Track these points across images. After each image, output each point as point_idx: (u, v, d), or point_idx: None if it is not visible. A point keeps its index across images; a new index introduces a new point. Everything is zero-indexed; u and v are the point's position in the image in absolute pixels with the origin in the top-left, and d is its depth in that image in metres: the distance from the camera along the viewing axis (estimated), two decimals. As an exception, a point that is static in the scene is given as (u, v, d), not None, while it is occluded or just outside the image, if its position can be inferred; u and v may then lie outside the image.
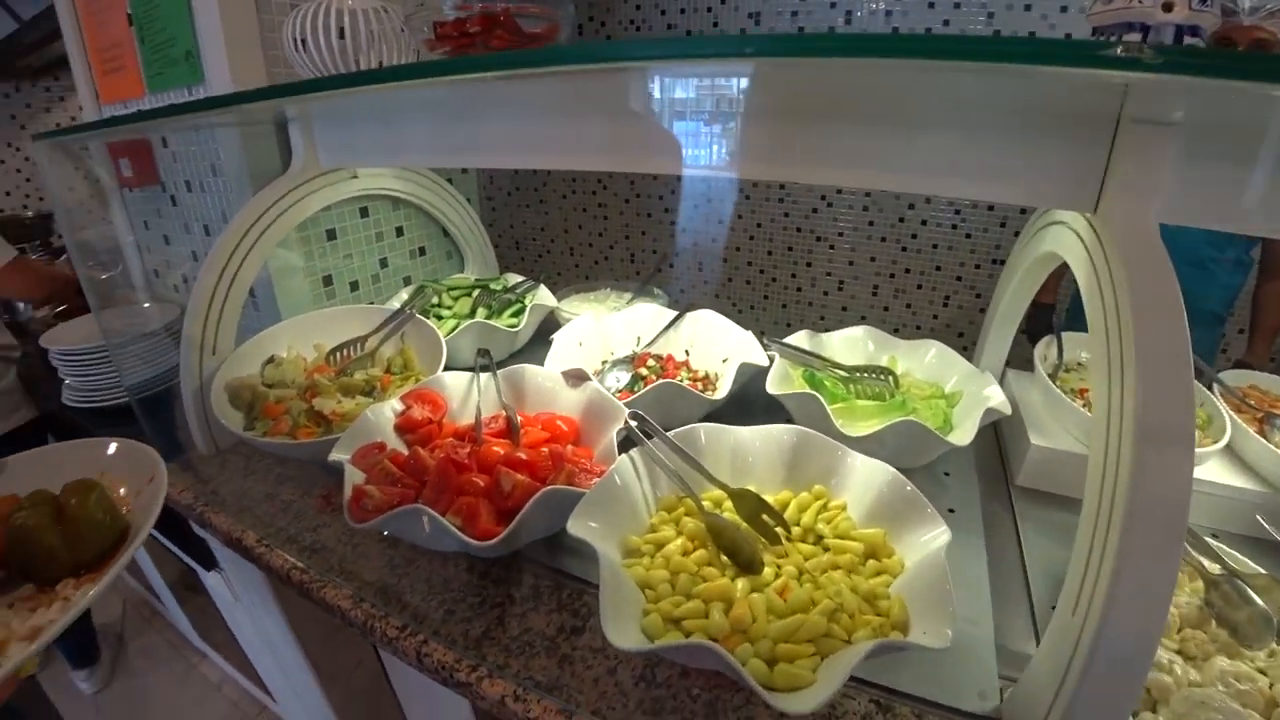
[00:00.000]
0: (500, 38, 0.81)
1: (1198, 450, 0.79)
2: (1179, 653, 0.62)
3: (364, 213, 1.24)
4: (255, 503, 0.86)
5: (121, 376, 1.21)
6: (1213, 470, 0.84)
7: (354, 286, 1.26)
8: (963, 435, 0.78)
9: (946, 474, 0.88)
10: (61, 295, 1.54)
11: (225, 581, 1.10)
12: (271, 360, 1.01)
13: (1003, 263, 1.67)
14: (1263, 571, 0.67)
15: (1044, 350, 0.98)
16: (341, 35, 0.86)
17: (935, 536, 0.61)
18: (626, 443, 0.75)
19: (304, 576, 0.73)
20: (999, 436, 0.99)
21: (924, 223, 1.93)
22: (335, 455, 0.73)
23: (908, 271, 2.02)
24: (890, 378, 0.90)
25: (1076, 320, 1.47)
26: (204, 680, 1.77)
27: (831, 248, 2.08)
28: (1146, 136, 0.54)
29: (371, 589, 0.71)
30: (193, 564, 1.14)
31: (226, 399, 0.92)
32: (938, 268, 2.01)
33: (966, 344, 1.07)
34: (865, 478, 0.69)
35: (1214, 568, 0.67)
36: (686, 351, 1.06)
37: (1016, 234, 1.85)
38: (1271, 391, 0.97)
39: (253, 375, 0.98)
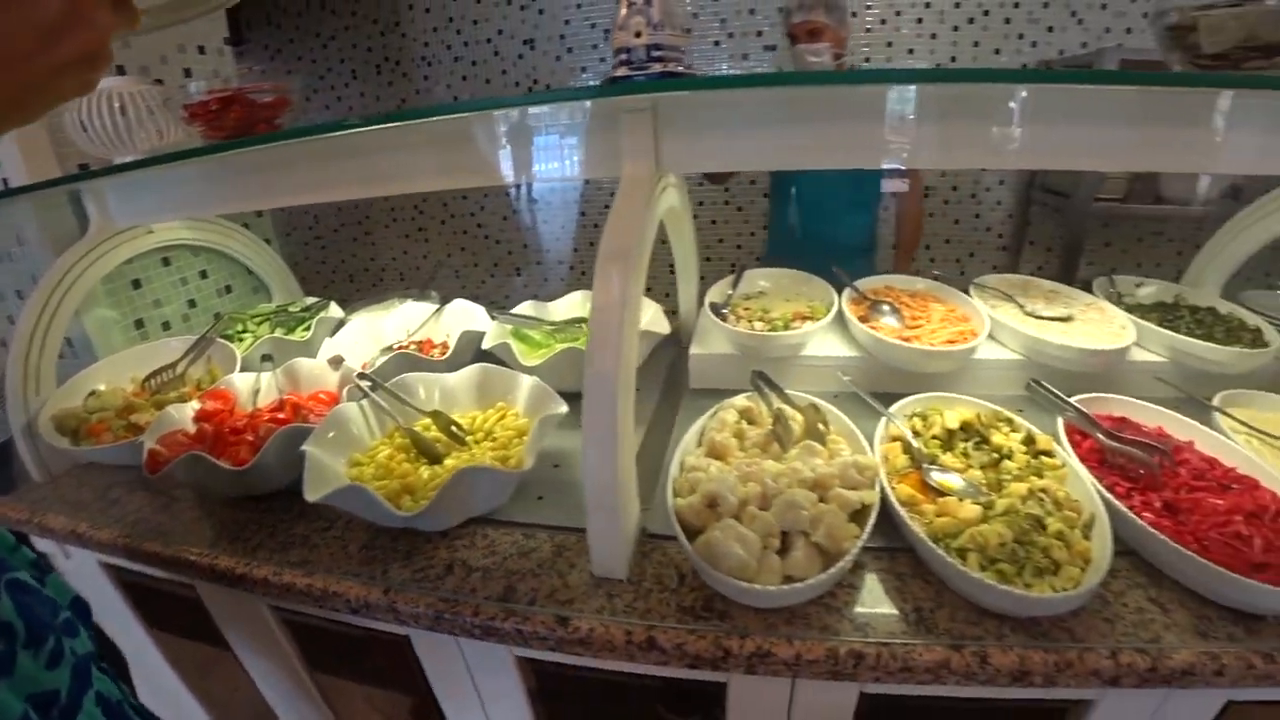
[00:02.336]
0: (236, 111, 1.21)
1: (811, 328, 1.25)
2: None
3: (166, 262, 1.60)
4: (87, 504, 1.19)
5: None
6: (830, 346, 1.30)
7: (166, 326, 1.61)
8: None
9: (638, 389, 1.31)
10: None
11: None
12: (93, 394, 1.36)
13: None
14: (810, 400, 1.12)
15: (723, 285, 1.44)
16: (123, 113, 1.22)
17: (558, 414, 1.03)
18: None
19: (128, 541, 1.08)
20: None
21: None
22: (144, 439, 1.10)
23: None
24: (585, 324, 1.33)
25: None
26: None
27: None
28: (633, 120, 0.96)
29: (178, 538, 1.06)
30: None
31: (53, 428, 1.27)
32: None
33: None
34: (526, 390, 1.12)
35: (790, 411, 1.12)
36: (448, 335, 1.48)
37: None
38: (896, 287, 1.45)
39: (76, 407, 1.33)
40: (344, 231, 3.08)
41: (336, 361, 1.25)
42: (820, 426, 1.05)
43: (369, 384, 1.12)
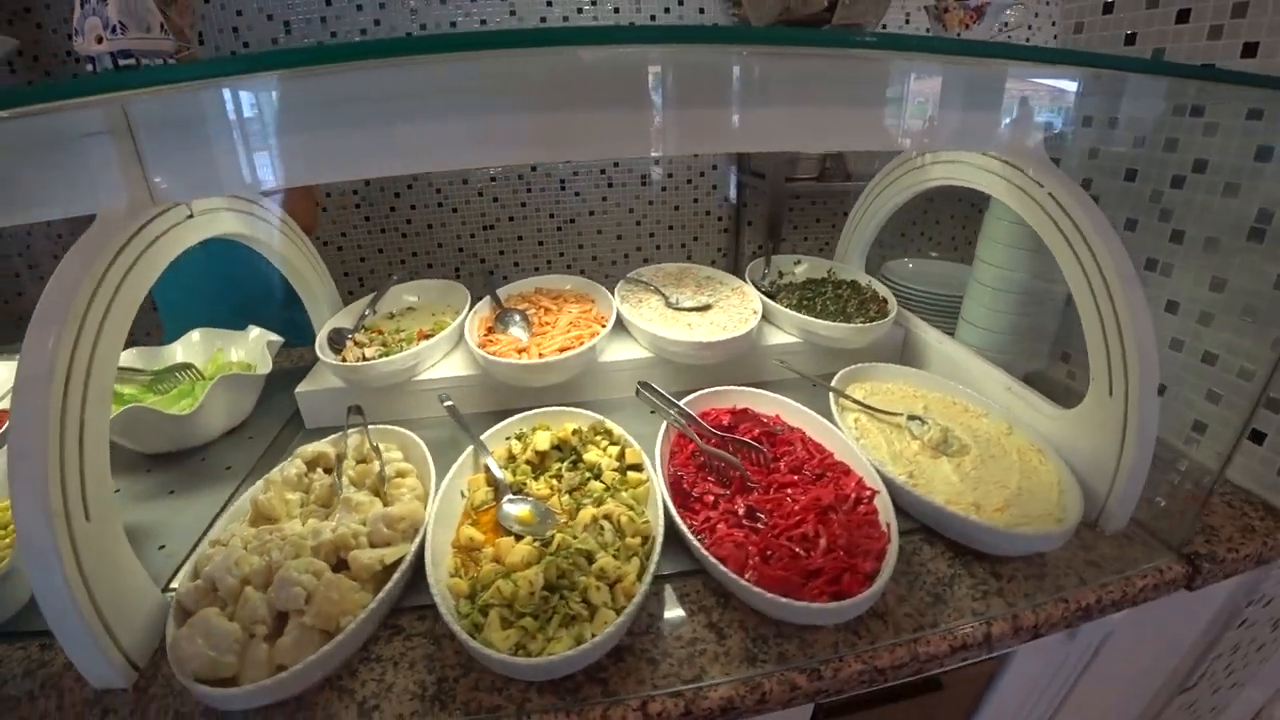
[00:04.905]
0: None
1: (416, 349, 1.05)
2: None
3: None
4: None
5: None
6: (452, 366, 1.11)
7: None
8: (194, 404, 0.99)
9: (250, 437, 1.09)
10: None
11: None
12: None
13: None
14: (389, 437, 0.93)
15: (359, 306, 1.22)
16: None
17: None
18: None
19: None
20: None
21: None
22: None
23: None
24: (192, 370, 1.09)
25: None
26: None
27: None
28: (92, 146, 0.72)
29: None
30: None
31: None
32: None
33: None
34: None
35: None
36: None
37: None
38: (545, 289, 1.27)
39: None
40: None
41: None
42: (386, 469, 0.86)
43: None
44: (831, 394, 0.98)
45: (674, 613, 0.75)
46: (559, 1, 1.94)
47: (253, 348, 1.15)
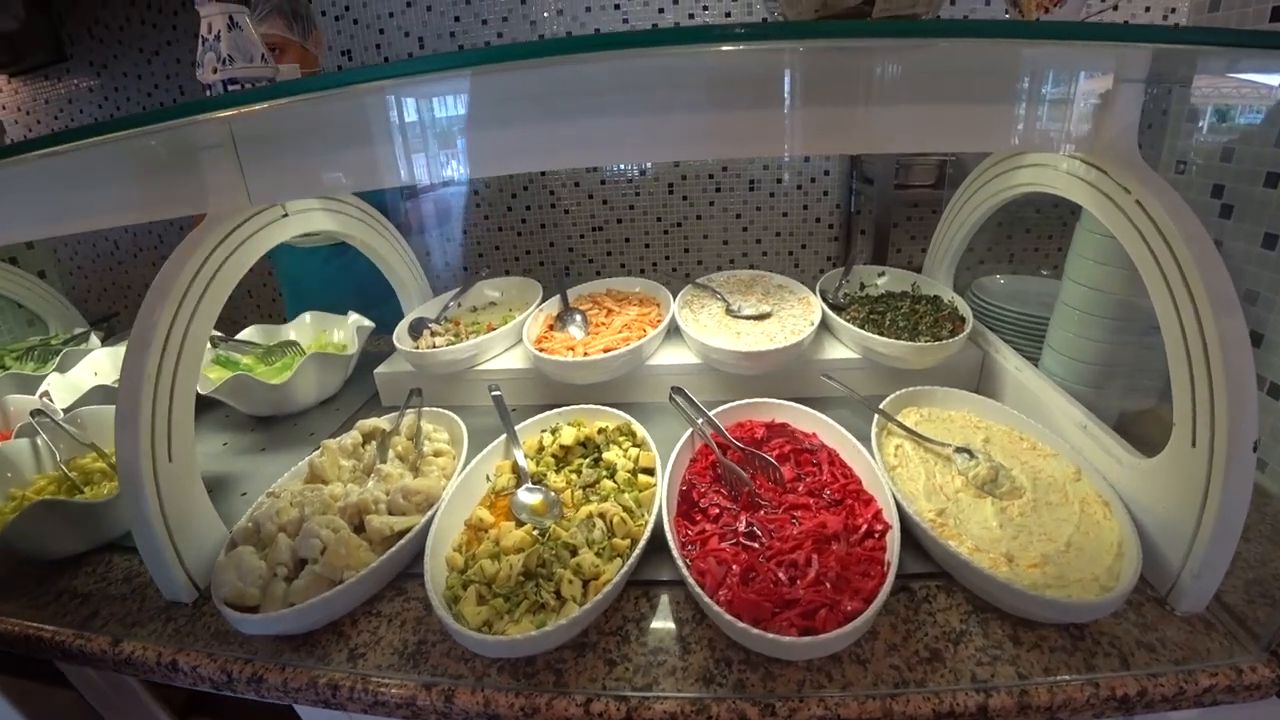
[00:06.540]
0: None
1: (471, 342, 1.14)
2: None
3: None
4: None
5: None
6: (510, 359, 1.18)
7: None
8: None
9: (337, 409, 1.24)
10: None
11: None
12: None
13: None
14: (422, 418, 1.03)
15: (443, 298, 1.35)
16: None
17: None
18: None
19: None
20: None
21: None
22: None
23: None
24: (296, 347, 1.27)
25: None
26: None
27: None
28: (206, 158, 0.90)
29: None
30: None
31: None
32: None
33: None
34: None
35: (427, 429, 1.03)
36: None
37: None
38: (615, 290, 1.31)
39: None
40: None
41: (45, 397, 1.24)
42: (423, 447, 0.96)
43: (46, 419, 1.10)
44: (876, 416, 0.92)
45: (650, 620, 0.75)
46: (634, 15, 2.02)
47: (349, 331, 1.32)
